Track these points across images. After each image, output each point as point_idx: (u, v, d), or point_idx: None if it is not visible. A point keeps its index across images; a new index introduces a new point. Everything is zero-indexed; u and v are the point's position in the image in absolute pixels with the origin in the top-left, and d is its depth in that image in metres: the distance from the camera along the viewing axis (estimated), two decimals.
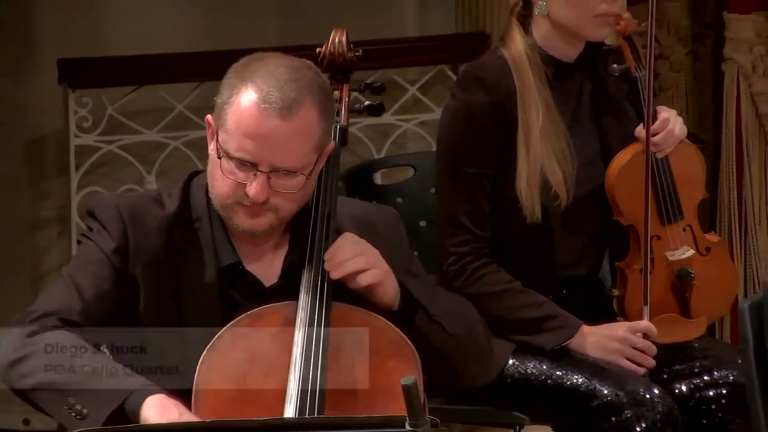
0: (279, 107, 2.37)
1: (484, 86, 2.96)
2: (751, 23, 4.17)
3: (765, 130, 4.21)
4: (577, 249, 3.04)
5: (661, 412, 2.84)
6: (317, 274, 2.44)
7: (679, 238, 3.05)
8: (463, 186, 2.96)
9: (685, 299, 3.06)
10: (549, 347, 2.94)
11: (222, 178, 2.41)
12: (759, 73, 4.20)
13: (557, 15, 2.95)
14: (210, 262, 2.46)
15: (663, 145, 3.01)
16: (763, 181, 4.22)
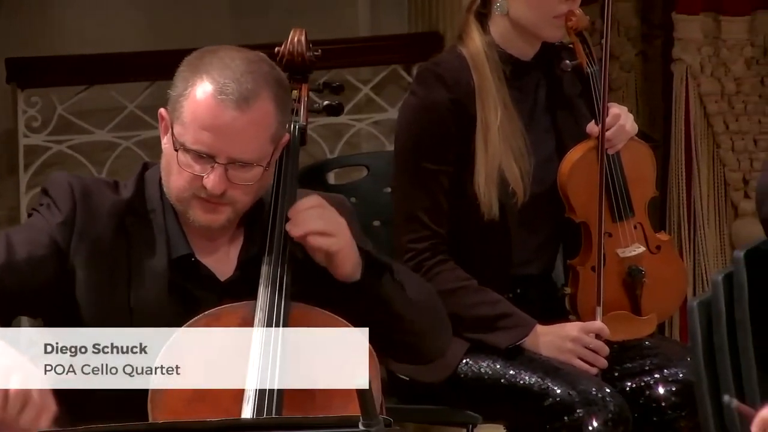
0: (236, 98, 2.36)
1: (444, 83, 2.96)
2: (698, 24, 4.19)
3: (713, 129, 4.24)
4: (533, 247, 3.05)
5: (613, 411, 2.85)
6: (276, 273, 2.42)
7: (630, 235, 3.06)
8: (422, 182, 2.96)
9: (636, 297, 3.08)
10: (503, 346, 2.95)
11: (178, 172, 2.40)
12: (707, 74, 4.23)
13: (516, 14, 2.96)
14: (161, 252, 2.44)
15: (614, 141, 3.03)
16: (711, 180, 4.25)
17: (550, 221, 3.05)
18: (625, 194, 3.05)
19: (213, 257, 2.47)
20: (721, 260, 4.16)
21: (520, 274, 3.05)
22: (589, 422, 2.85)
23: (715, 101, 4.23)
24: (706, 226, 4.23)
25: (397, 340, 2.49)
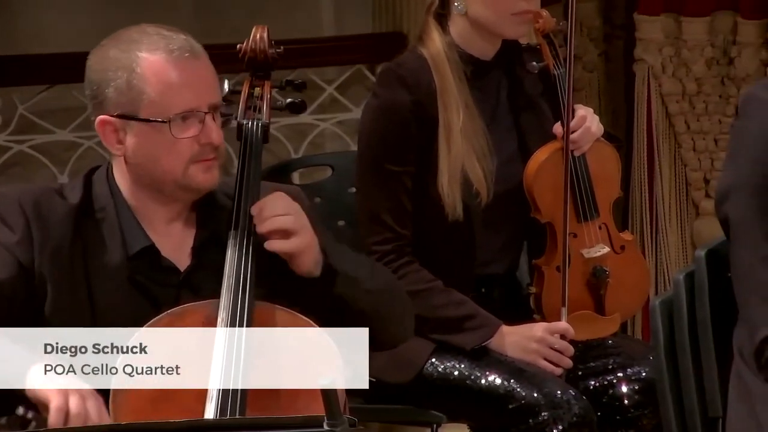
0: (187, 48, 2.40)
1: (405, 84, 2.96)
2: (660, 25, 4.21)
3: (675, 129, 4.26)
4: (497, 247, 3.05)
5: (577, 414, 2.86)
6: (239, 272, 2.40)
7: (595, 235, 3.07)
8: (385, 184, 2.96)
9: (600, 297, 3.09)
10: (469, 347, 2.95)
11: (169, 151, 2.39)
12: (668, 74, 4.25)
13: (475, 13, 2.96)
14: (116, 250, 2.43)
15: (580, 143, 3.03)
16: (673, 179, 4.27)
17: (513, 221, 3.06)
18: (590, 195, 3.06)
19: (170, 247, 2.46)
20: (683, 259, 4.19)
21: (484, 274, 3.05)
22: (554, 425, 2.86)
23: (677, 101, 4.25)
24: (668, 226, 4.24)
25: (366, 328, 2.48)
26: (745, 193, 2.40)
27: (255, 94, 2.52)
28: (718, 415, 2.55)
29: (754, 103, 2.43)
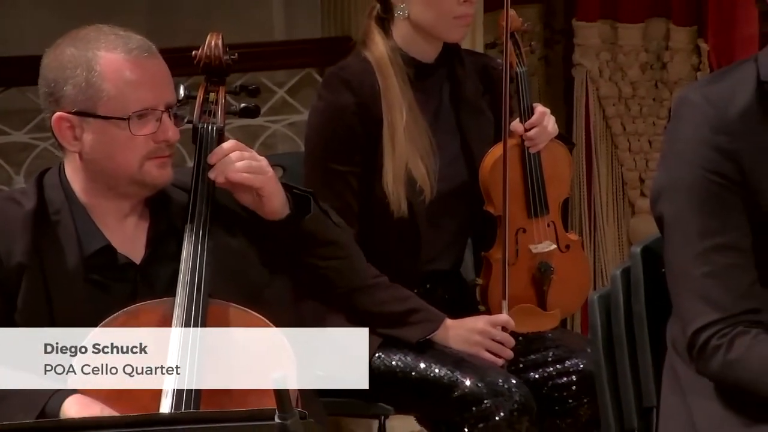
0: (144, 48, 2.39)
1: (350, 87, 2.96)
2: (597, 30, 4.24)
3: (611, 131, 4.29)
4: (441, 244, 3.07)
5: (518, 401, 2.88)
6: (194, 270, 2.39)
7: (543, 232, 3.10)
8: (331, 184, 2.96)
9: (543, 292, 3.11)
10: (414, 340, 2.95)
11: (125, 148, 2.37)
12: (605, 78, 4.28)
13: (417, 17, 2.97)
14: (73, 251, 2.40)
15: (536, 140, 3.05)
16: (610, 179, 4.29)
17: (457, 218, 3.07)
18: (542, 192, 3.08)
19: (125, 242, 2.45)
20: (620, 255, 4.21)
21: (429, 270, 3.06)
22: (496, 412, 2.87)
23: (613, 104, 4.28)
24: (606, 223, 4.27)
25: (333, 267, 2.50)
26: (678, 194, 2.41)
27: (210, 99, 2.51)
28: (653, 405, 2.57)
29: (686, 106, 2.44)
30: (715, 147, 2.38)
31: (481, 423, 2.87)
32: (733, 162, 2.38)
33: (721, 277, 2.36)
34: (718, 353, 2.37)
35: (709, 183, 2.37)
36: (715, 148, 2.38)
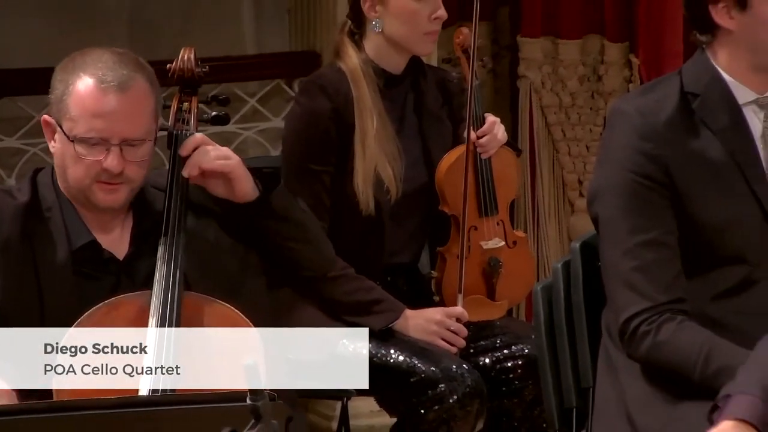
0: (116, 84, 2.35)
1: (326, 94, 2.97)
2: (539, 46, 4.24)
3: (553, 137, 4.30)
4: (403, 239, 3.07)
5: (470, 385, 2.89)
6: (171, 267, 2.38)
7: (493, 230, 3.11)
8: (307, 181, 2.96)
9: (492, 284, 3.12)
10: (376, 328, 2.95)
11: (74, 163, 2.36)
12: (547, 89, 4.29)
13: (391, 31, 2.98)
14: (62, 245, 2.39)
15: (488, 147, 3.07)
16: (552, 181, 4.30)
17: (417, 216, 3.08)
18: (492, 194, 3.09)
19: (110, 240, 2.44)
20: (561, 250, 4.22)
21: (391, 264, 3.06)
22: (449, 396, 2.88)
23: (554, 112, 4.29)
24: (548, 221, 4.28)
25: (301, 250, 2.49)
26: (611, 195, 2.42)
27: (183, 108, 2.50)
28: (590, 386, 2.58)
29: (618, 116, 2.45)
30: (643, 153, 2.39)
31: (436, 405, 2.88)
32: (660, 166, 2.39)
33: (649, 270, 2.37)
34: (647, 338, 2.38)
35: (638, 185, 2.38)
36: (644, 153, 2.39)
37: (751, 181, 2.40)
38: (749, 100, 2.43)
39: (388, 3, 2.96)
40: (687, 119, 2.41)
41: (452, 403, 2.87)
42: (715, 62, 2.42)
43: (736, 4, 2.35)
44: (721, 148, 2.40)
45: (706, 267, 2.40)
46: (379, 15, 2.96)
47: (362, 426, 3.43)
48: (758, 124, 2.43)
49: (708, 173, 2.40)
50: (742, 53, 2.39)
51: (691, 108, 2.41)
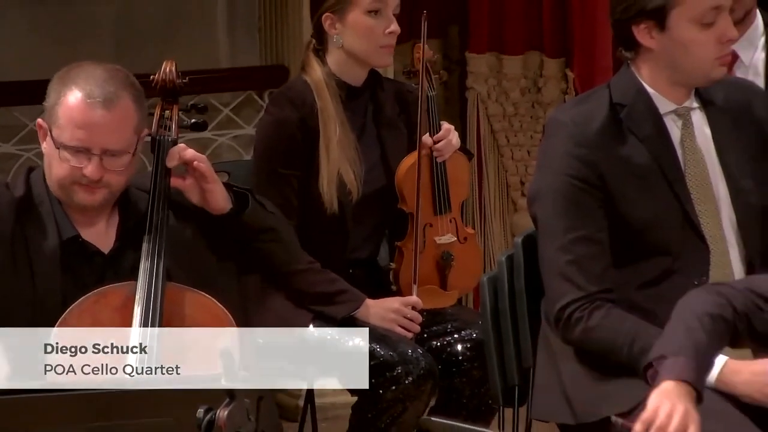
0: (102, 100, 2.35)
1: (293, 104, 2.96)
2: (485, 61, 4.26)
3: (497, 143, 4.31)
4: (363, 236, 3.07)
5: (424, 368, 2.89)
6: (154, 260, 2.38)
7: (446, 227, 3.12)
8: (276, 184, 2.95)
9: (445, 275, 3.12)
10: (339, 316, 2.94)
11: (59, 166, 2.37)
12: (493, 99, 4.30)
13: (350, 46, 2.97)
14: (53, 235, 2.39)
15: (443, 151, 3.08)
16: (497, 182, 4.31)
17: (376, 215, 3.08)
18: (446, 194, 3.10)
19: (95, 235, 2.43)
20: (505, 244, 4.24)
21: (352, 258, 3.06)
22: (405, 377, 2.88)
23: (499, 121, 4.31)
24: (493, 218, 4.29)
25: (272, 250, 2.49)
26: (549, 196, 2.45)
27: (165, 116, 2.50)
28: (530, 366, 2.60)
29: (555, 125, 2.48)
30: (578, 158, 2.41)
31: (393, 386, 2.88)
32: (593, 170, 2.41)
33: (581, 264, 2.40)
34: (580, 324, 2.41)
35: (572, 187, 2.40)
36: (578, 158, 2.41)
37: (672, 182, 2.43)
38: (669, 110, 2.46)
39: (346, 20, 2.95)
40: (616, 127, 2.43)
41: (408, 384, 2.88)
42: (639, 76, 2.45)
43: (656, 25, 2.38)
44: (646, 153, 2.43)
45: (633, 259, 2.43)
46: (338, 31, 2.96)
47: (326, 404, 3.42)
48: (677, 131, 2.46)
49: (635, 176, 2.42)
50: (662, 69, 2.42)
51: (619, 117, 2.44)
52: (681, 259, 2.42)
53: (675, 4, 2.35)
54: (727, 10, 2.38)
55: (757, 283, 2.26)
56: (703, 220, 2.43)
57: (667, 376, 2.14)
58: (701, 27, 2.36)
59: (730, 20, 2.39)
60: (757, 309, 2.21)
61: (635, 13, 2.37)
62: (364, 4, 2.94)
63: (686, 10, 2.35)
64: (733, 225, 2.46)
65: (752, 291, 2.23)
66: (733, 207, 2.45)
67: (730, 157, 2.46)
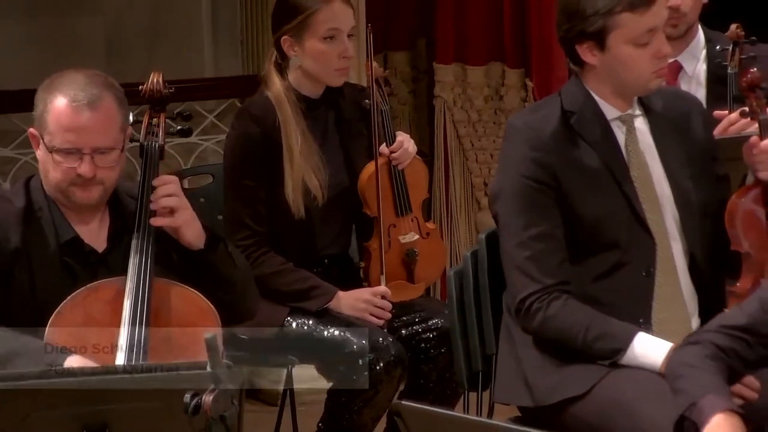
0: (87, 102, 2.35)
1: (256, 120, 2.96)
2: (451, 71, 4.28)
3: (463, 147, 4.33)
4: (332, 235, 3.07)
5: (394, 355, 2.90)
6: (142, 257, 2.38)
7: (409, 226, 3.13)
8: (245, 196, 2.95)
9: (411, 270, 3.14)
10: (314, 309, 2.96)
11: (54, 169, 2.37)
12: (458, 107, 4.32)
13: (307, 67, 2.98)
14: (52, 238, 2.40)
15: (400, 159, 3.09)
16: (462, 183, 4.33)
17: (343, 215, 3.08)
18: (406, 197, 3.11)
19: (90, 234, 2.43)
20: (470, 241, 4.26)
21: (324, 255, 3.06)
22: (377, 363, 2.88)
23: (464, 126, 4.32)
24: (459, 217, 4.31)
25: (225, 300, 2.45)
26: (508, 196, 2.47)
27: (153, 123, 2.49)
28: (493, 353, 2.62)
29: (512, 131, 2.50)
30: (533, 160, 2.44)
31: (365, 371, 2.89)
32: (547, 171, 2.44)
33: (539, 258, 2.42)
34: (539, 314, 2.43)
35: (529, 188, 2.43)
36: (533, 160, 2.44)
37: (620, 182, 2.46)
38: (614, 117, 2.50)
39: (303, 45, 2.95)
40: (567, 132, 2.46)
41: (379, 370, 2.88)
42: (586, 86, 2.48)
43: (597, 45, 2.41)
44: (595, 156, 2.45)
45: (587, 254, 2.45)
46: (297, 53, 2.96)
47: (304, 389, 3.43)
48: (622, 136, 2.49)
49: (586, 176, 2.45)
50: (605, 82, 2.46)
51: (570, 123, 2.46)
52: (630, 252, 2.44)
53: (612, 28, 2.38)
54: (661, 29, 2.42)
55: (727, 318, 2.20)
56: (648, 216, 2.46)
57: (711, 412, 2.01)
58: (637, 47, 2.39)
59: (664, 38, 2.43)
60: (739, 341, 2.15)
61: (577, 34, 2.41)
62: (320, 32, 2.93)
63: (623, 33, 2.38)
64: (675, 221, 2.49)
65: (725, 326, 2.17)
66: (675, 205, 2.49)
67: (671, 160, 2.50)
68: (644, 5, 2.36)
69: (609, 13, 2.36)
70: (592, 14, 2.36)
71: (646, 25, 2.38)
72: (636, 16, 2.37)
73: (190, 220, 2.43)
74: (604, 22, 2.37)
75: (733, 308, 2.26)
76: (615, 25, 2.38)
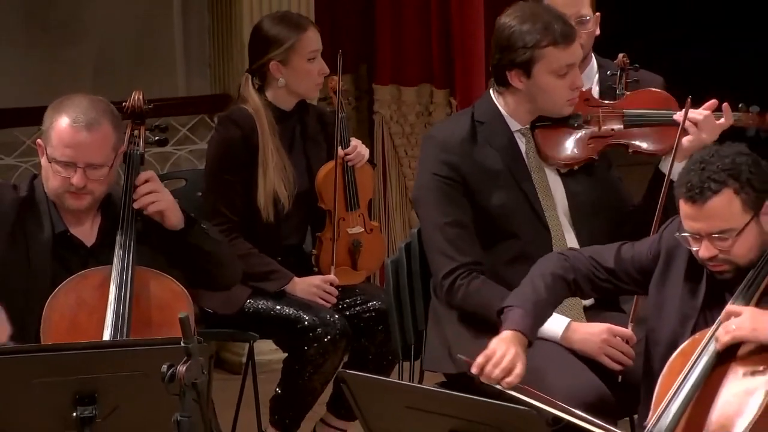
0: (85, 124, 2.37)
1: (237, 125, 2.99)
2: (388, 91, 4.31)
3: (398, 155, 4.36)
4: (293, 228, 3.10)
5: (339, 329, 2.93)
6: (126, 250, 2.39)
7: (356, 220, 3.16)
8: (223, 189, 2.98)
9: (355, 259, 3.17)
10: (272, 290, 2.98)
11: (53, 177, 2.39)
12: (394, 121, 4.35)
13: (292, 86, 3.04)
14: (48, 228, 2.41)
15: (355, 160, 3.14)
16: (398, 186, 4.36)
17: (303, 212, 3.11)
18: (356, 195, 3.15)
19: (82, 232, 2.44)
20: (404, 234, 4.29)
21: (285, 245, 3.09)
22: (324, 336, 2.92)
23: (399, 138, 4.36)
24: (395, 214, 4.35)
25: (209, 271, 2.50)
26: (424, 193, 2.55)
27: (135, 134, 2.52)
28: (423, 329, 2.66)
29: (427, 139, 2.61)
30: (443, 161, 2.52)
31: (315, 343, 2.92)
32: (455, 170, 2.52)
33: (454, 241, 2.50)
34: (461, 290, 2.50)
35: (441, 183, 2.51)
36: (443, 161, 2.52)
37: (519, 182, 2.55)
38: (517, 129, 2.59)
39: (290, 66, 3.00)
40: (475, 139, 2.55)
41: (326, 342, 2.92)
42: (497, 102, 2.57)
43: (524, 73, 2.51)
44: (499, 158, 2.55)
45: (495, 241, 2.53)
46: (283, 75, 3.01)
47: (264, 360, 3.44)
48: (523, 145, 2.58)
49: (489, 175, 2.54)
50: (525, 103, 2.56)
51: (478, 131, 2.54)
52: (532, 241, 2.53)
53: (538, 59, 2.49)
54: (577, 65, 2.54)
55: (600, 252, 2.37)
56: (545, 212, 2.54)
57: (507, 325, 2.23)
58: (558, 77, 2.50)
59: (579, 72, 2.56)
60: (594, 274, 2.33)
61: (508, 63, 2.50)
62: (305, 54, 3.00)
63: (547, 65, 2.49)
64: (567, 216, 2.58)
65: (594, 259, 2.35)
66: (567, 203, 2.57)
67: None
68: (565, 42, 2.47)
69: (536, 46, 2.46)
70: (521, 47, 2.46)
71: (566, 60, 2.50)
72: (558, 51, 2.46)
73: (171, 203, 2.45)
74: (532, 53, 2.46)
75: (609, 247, 2.38)
76: (540, 57, 2.48)
